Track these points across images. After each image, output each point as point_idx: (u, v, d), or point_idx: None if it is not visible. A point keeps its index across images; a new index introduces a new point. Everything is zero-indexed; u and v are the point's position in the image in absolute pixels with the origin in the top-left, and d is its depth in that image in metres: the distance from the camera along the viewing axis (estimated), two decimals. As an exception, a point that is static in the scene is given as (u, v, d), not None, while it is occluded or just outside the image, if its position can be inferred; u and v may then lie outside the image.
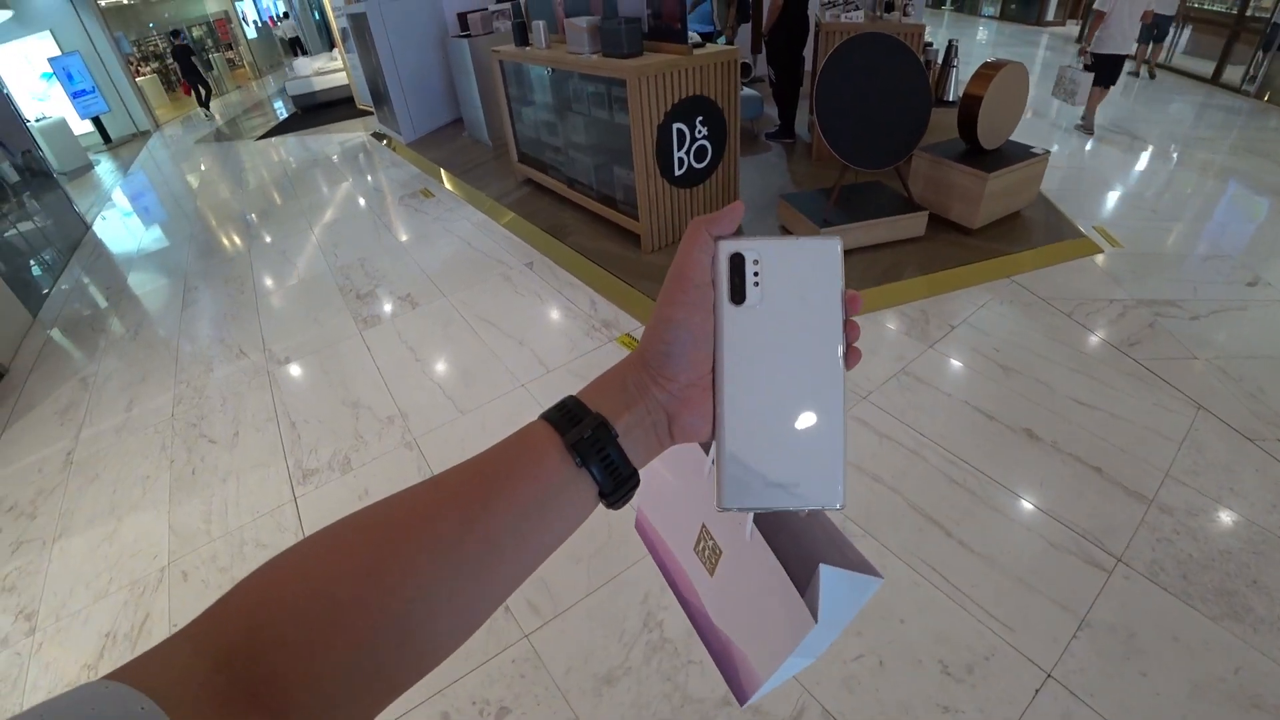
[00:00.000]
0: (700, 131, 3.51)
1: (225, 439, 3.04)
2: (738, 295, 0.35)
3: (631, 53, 3.36)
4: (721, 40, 6.34)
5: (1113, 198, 4.48)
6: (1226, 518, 2.16)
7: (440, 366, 3.28)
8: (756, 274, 0.35)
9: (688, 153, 3.54)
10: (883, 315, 3.14)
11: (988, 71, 3.39)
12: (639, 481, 0.37)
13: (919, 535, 2.13)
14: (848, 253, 3.48)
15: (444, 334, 3.53)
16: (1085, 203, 4.30)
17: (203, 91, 12.07)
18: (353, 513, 0.33)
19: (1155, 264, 3.60)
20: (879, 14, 4.30)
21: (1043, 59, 10.20)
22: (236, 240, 5.61)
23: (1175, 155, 5.59)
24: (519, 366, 3.17)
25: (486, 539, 0.32)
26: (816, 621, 0.35)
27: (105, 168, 10.09)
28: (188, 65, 11.85)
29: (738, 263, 0.35)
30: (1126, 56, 5.43)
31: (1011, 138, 3.75)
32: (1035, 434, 2.47)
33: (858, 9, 4.32)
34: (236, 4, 18.71)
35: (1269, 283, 3.50)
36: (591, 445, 0.35)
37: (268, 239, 5.46)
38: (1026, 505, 2.21)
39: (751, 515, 0.39)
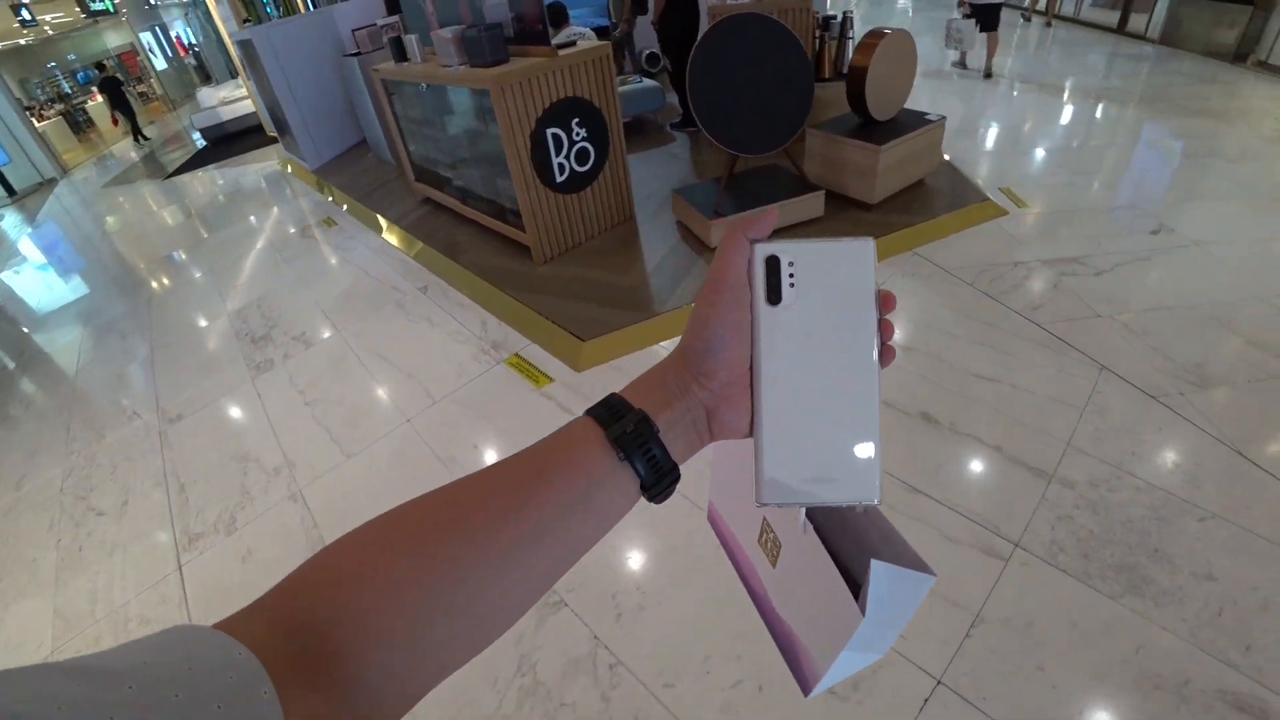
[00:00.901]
0: (578, 134, 3.37)
1: (114, 509, 2.83)
2: (774, 296, 0.37)
3: (495, 60, 3.21)
4: (618, 33, 6.18)
5: (1020, 156, 4.47)
6: (1128, 485, 2.09)
7: (328, 408, 3.09)
8: (792, 275, 0.36)
9: (567, 157, 3.39)
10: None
11: (871, 41, 3.31)
12: (679, 476, 0.38)
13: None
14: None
15: (334, 372, 3.34)
16: (992, 164, 4.28)
17: (130, 122, 11.81)
18: (406, 502, 0.35)
19: (1061, 221, 3.56)
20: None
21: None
22: (137, 291, 5.32)
23: (1082, 106, 5.62)
24: (406, 400, 3.00)
25: (530, 527, 0.34)
26: (864, 616, 0.36)
27: (9, 221, 9.60)
28: (118, 96, 11.56)
29: (773, 264, 0.37)
30: (1003, 4, 6.13)
31: (910, 105, 3.67)
32: (932, 417, 2.37)
33: (742, -12, 4.21)
34: (141, 34, 17.95)
35: (1172, 229, 3.48)
36: (634, 439, 0.36)
37: (169, 287, 5.19)
38: (921, 498, 2.10)
39: (803, 509, 0.40)
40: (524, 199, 3.41)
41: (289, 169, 7.61)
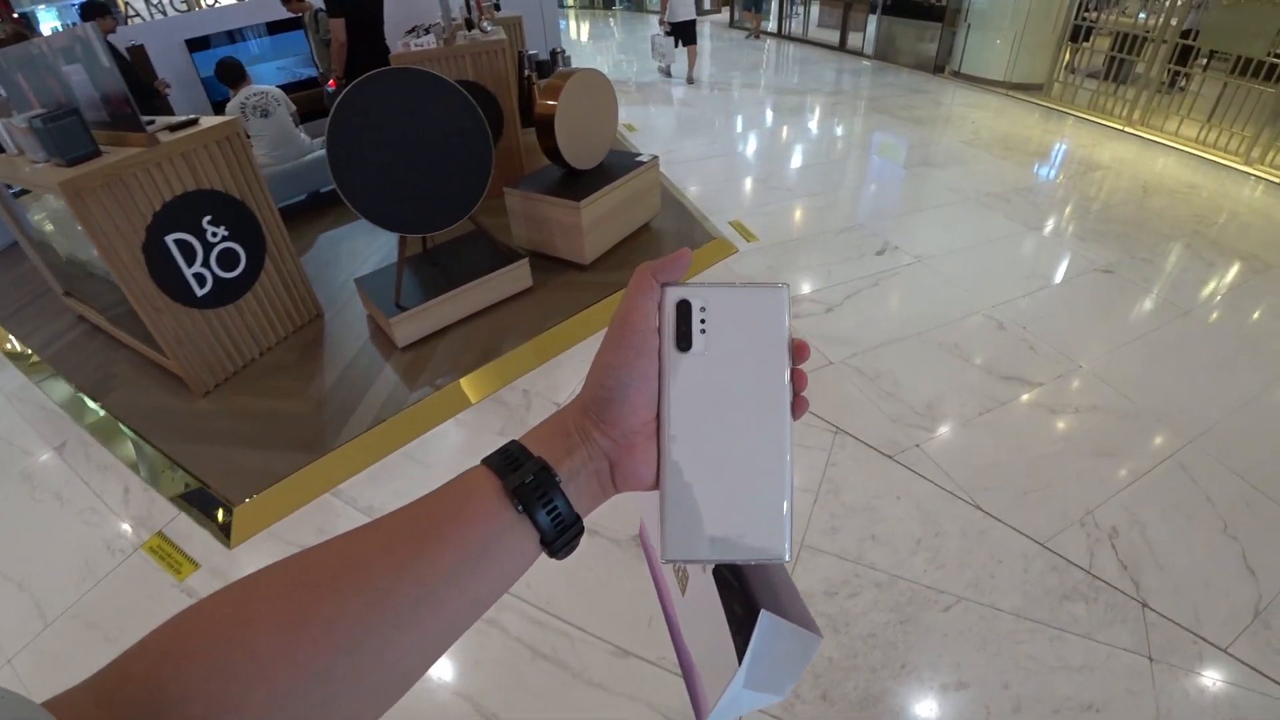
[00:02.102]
0: (216, 234, 2.65)
1: None
2: (684, 342, 0.36)
3: (81, 156, 2.39)
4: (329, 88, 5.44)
5: (749, 185, 4.38)
6: (869, 584, 1.80)
7: None
8: (703, 321, 0.36)
9: (206, 265, 2.64)
10: (478, 411, 2.48)
11: (556, 83, 2.91)
12: (582, 529, 0.36)
13: None
14: (440, 333, 2.89)
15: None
16: (721, 197, 4.10)
17: None
18: (275, 562, 0.31)
19: (791, 252, 3.40)
20: (453, 36, 3.71)
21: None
22: None
23: (806, 125, 5.76)
24: (12, 625, 2.07)
25: (421, 588, 0.31)
26: (739, 665, 0.35)
27: None
28: None
29: (684, 310, 0.36)
30: (694, 21, 7.27)
31: (638, 126, 3.38)
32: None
33: (428, 31, 3.70)
34: None
35: (896, 246, 3.42)
36: (534, 491, 0.34)
37: None
38: (632, 660, 1.63)
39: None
40: (156, 325, 2.60)
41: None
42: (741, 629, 0.36)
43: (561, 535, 0.35)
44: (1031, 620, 1.75)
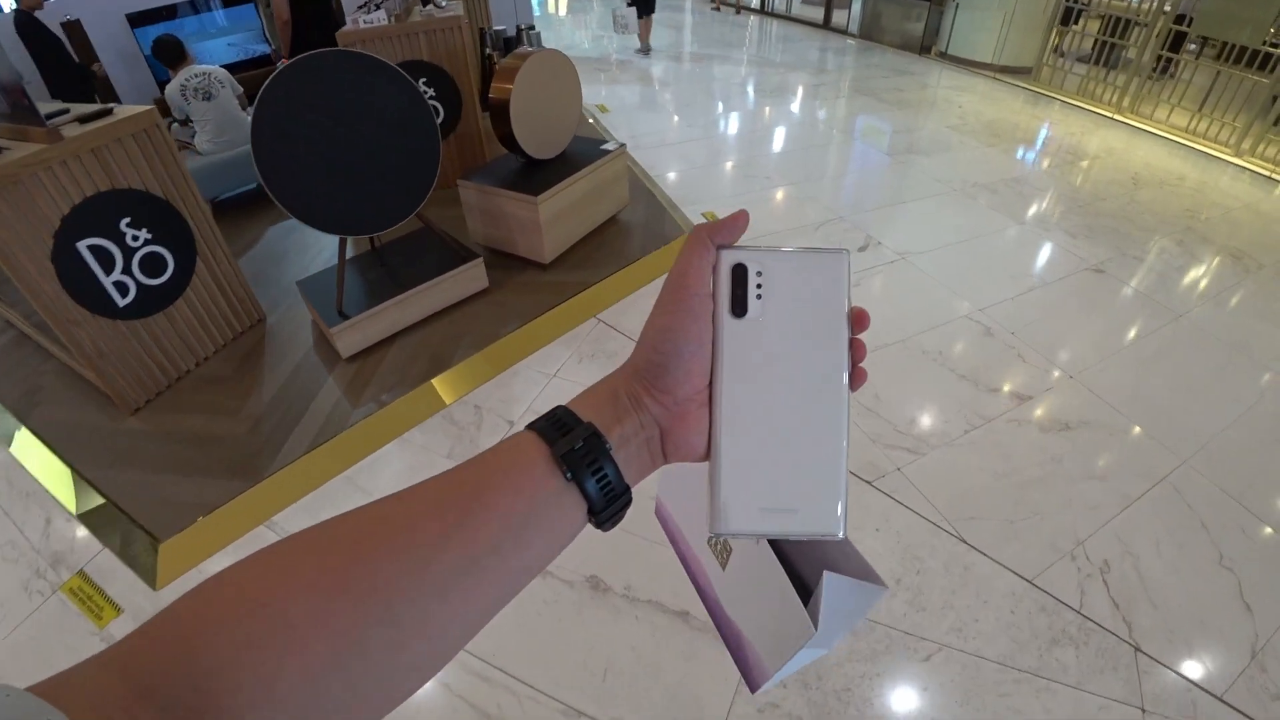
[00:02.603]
0: (137, 238, 2.41)
1: None
2: (739, 307, 0.35)
3: None
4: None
5: (725, 171, 4.18)
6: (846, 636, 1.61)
7: None
8: (759, 286, 0.35)
9: (128, 272, 2.41)
10: (425, 430, 2.30)
11: (511, 65, 2.69)
12: (630, 500, 0.35)
13: None
14: (388, 341, 2.69)
15: None
16: (695, 185, 3.91)
17: None
18: (310, 526, 0.29)
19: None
20: (407, 12, 3.45)
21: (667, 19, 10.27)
22: None
23: (787, 107, 5.56)
24: None
25: (464, 556, 0.29)
26: (816, 630, 0.36)
27: None
28: None
29: (740, 273, 0.35)
30: None
31: (609, 106, 3.20)
32: (603, 583, 1.77)
33: (379, 7, 3.44)
34: None
35: (879, 241, 3.26)
36: (584, 457, 0.32)
37: None
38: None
39: None
40: (74, 340, 2.38)
41: None
42: (800, 592, 0.37)
43: (610, 505, 0.34)
44: (1018, 670, 1.63)
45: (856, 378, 0.35)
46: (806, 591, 0.37)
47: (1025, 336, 2.69)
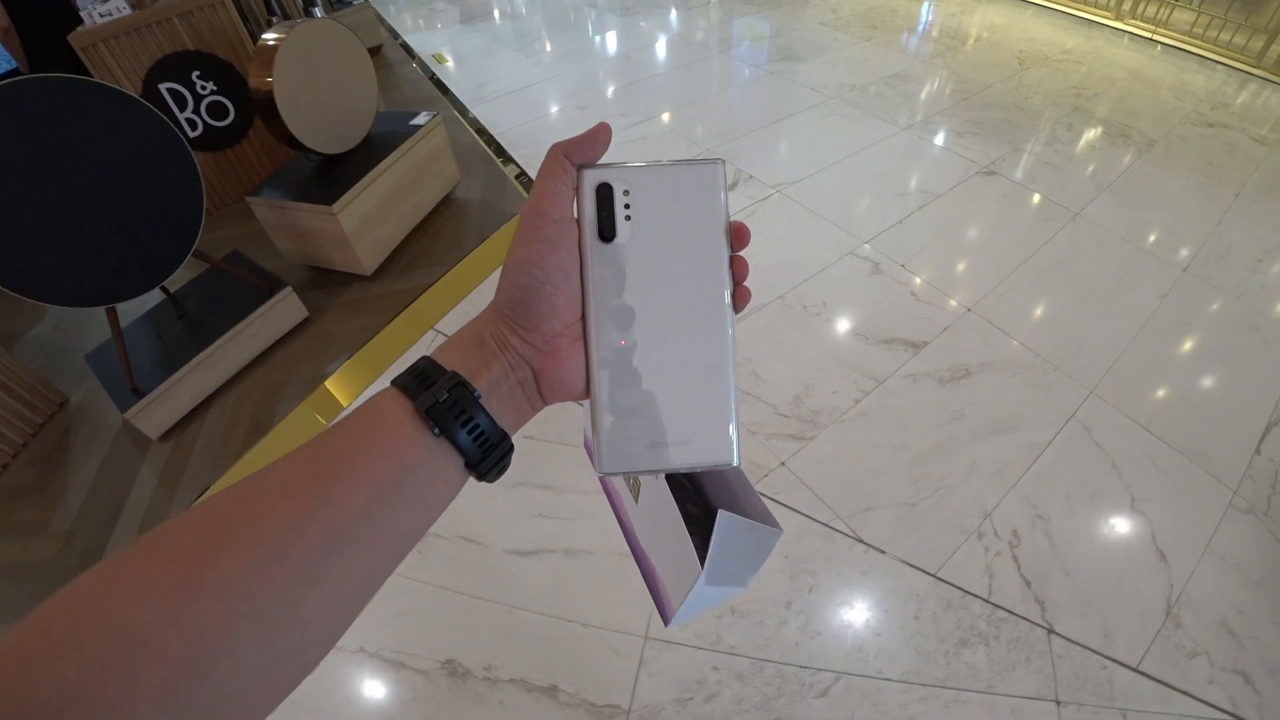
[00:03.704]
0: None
1: None
2: (607, 231, 0.34)
3: None
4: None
5: (576, 115, 3.72)
6: (730, 676, 1.50)
7: None
8: (628, 205, 0.34)
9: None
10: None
11: (267, 47, 2.20)
12: (512, 447, 0.34)
13: None
14: (205, 405, 2.28)
15: None
16: (544, 138, 3.46)
17: None
18: (161, 525, 0.27)
19: None
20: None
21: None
22: None
23: (641, 26, 5.06)
24: None
25: (331, 535, 0.28)
26: (701, 570, 0.36)
27: None
28: None
29: (605, 193, 0.34)
30: None
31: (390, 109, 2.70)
32: (460, 666, 1.53)
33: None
34: None
35: (750, 175, 2.99)
36: (450, 409, 0.31)
37: None
38: None
39: None
40: None
41: None
42: (699, 529, 0.38)
43: (488, 455, 0.32)
44: (924, 685, 1.50)
45: (740, 297, 0.35)
46: (709, 528, 0.37)
47: (916, 267, 2.50)
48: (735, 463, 0.34)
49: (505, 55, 4.47)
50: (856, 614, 1.59)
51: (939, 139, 3.26)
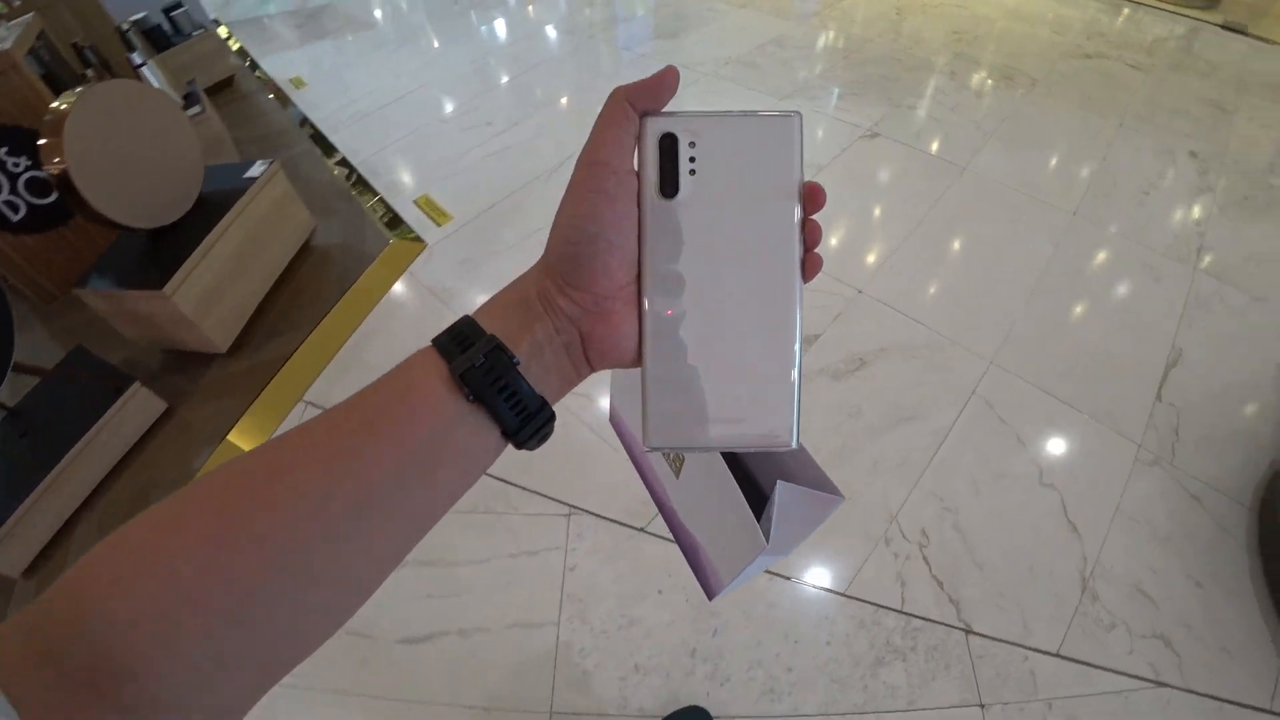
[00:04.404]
0: None
1: None
2: (669, 186, 0.32)
3: None
4: None
5: (441, 132, 3.47)
6: None
7: None
8: (693, 159, 0.32)
9: None
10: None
11: (55, 119, 1.98)
12: (553, 415, 0.33)
13: None
14: (67, 528, 2.08)
15: None
16: (405, 162, 3.26)
17: None
18: (209, 473, 0.29)
19: (497, 224, 2.73)
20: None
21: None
22: None
23: (517, 17, 4.87)
24: None
25: (361, 494, 0.29)
26: (768, 543, 0.37)
27: None
28: None
29: (669, 145, 0.32)
30: None
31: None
32: (346, 692, 1.44)
33: None
34: None
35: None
36: (485, 374, 0.31)
37: None
38: None
39: None
40: None
41: None
42: (753, 501, 0.38)
43: (527, 424, 0.32)
44: (841, 714, 1.45)
45: (810, 266, 0.33)
46: (761, 496, 0.38)
47: (806, 252, 2.44)
48: (794, 445, 0.33)
49: (372, 67, 4.23)
50: (765, 650, 1.54)
51: (821, 104, 3.21)
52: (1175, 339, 2.12)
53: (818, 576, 1.64)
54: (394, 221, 2.80)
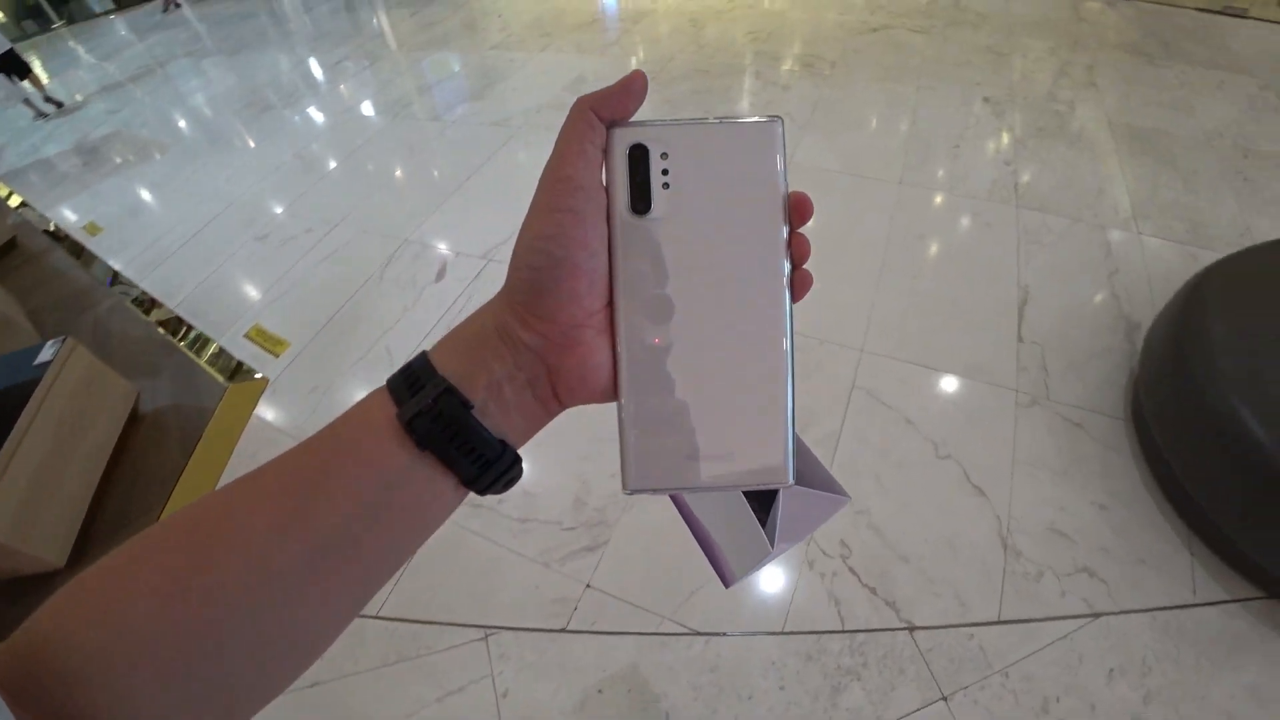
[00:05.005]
0: None
1: None
2: (641, 202, 0.30)
3: None
4: None
5: (260, 251, 3.26)
6: None
7: None
8: (666, 172, 0.30)
9: None
10: None
11: None
12: (518, 461, 0.31)
13: None
14: None
15: None
16: (227, 294, 3.05)
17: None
18: (169, 517, 0.29)
19: (338, 340, 2.58)
20: None
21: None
22: None
23: (307, 109, 4.75)
24: None
25: (310, 546, 0.28)
26: (772, 548, 0.38)
27: None
28: None
29: (640, 156, 0.30)
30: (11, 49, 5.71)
31: None
32: None
33: None
34: None
35: (458, 252, 2.79)
36: (434, 420, 0.29)
37: None
38: None
39: None
40: None
41: None
42: (761, 504, 0.39)
43: (486, 472, 0.30)
44: (814, 759, 1.41)
45: (800, 283, 0.31)
46: (771, 495, 0.38)
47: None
48: (790, 482, 0.31)
49: (171, 193, 3.98)
50: (722, 717, 1.49)
51: (642, 135, 3.26)
52: (1019, 278, 2.25)
53: (752, 622, 1.61)
54: (227, 363, 2.61)
